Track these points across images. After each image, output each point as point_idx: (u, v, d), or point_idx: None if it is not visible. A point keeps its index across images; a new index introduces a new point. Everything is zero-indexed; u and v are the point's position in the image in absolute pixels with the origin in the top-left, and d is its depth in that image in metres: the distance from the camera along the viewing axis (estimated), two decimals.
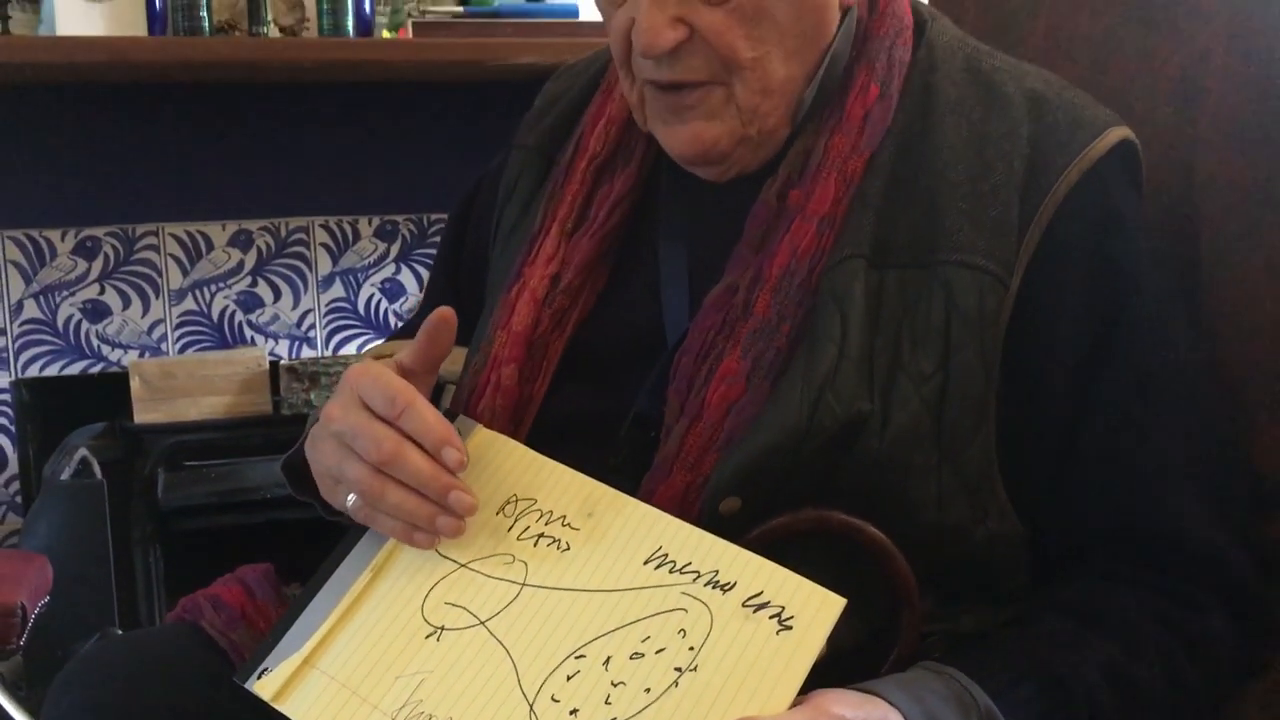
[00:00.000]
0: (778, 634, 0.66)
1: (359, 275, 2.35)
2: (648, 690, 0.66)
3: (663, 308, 0.82)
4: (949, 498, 0.75)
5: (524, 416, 0.82)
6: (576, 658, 0.68)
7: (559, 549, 0.73)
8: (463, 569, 0.74)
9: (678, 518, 0.72)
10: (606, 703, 0.66)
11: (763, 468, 0.73)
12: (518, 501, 0.76)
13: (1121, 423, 0.77)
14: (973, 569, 0.77)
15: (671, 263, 0.83)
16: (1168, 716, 0.74)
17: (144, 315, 2.22)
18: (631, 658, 0.67)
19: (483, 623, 0.72)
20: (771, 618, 0.67)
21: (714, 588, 0.69)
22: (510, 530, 0.75)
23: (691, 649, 0.67)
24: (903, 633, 0.75)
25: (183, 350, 2.24)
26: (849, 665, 0.71)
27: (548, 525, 0.74)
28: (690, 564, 0.70)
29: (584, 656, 0.68)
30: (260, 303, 2.29)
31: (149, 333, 2.23)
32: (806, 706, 0.65)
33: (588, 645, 0.69)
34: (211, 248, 2.25)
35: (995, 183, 0.76)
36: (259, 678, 0.74)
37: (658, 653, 0.67)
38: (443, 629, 0.72)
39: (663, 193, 0.86)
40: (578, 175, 0.87)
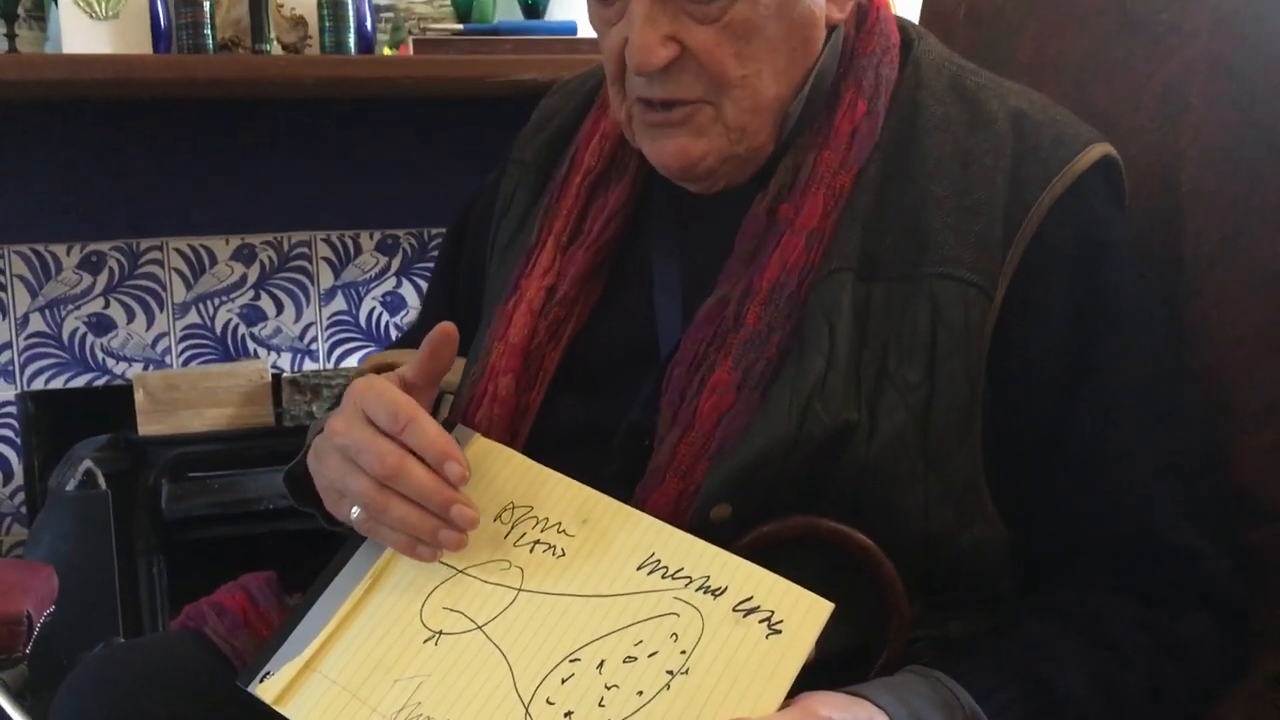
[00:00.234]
0: (767, 638, 0.67)
1: (360, 289, 2.36)
2: (640, 693, 0.67)
3: (656, 319, 0.84)
4: (935, 505, 0.76)
5: (520, 426, 0.83)
6: (571, 661, 0.70)
7: (555, 555, 0.74)
8: (460, 575, 0.75)
9: (670, 525, 0.74)
10: (600, 705, 0.67)
11: (752, 476, 0.74)
12: (515, 509, 0.77)
13: (1103, 432, 0.78)
14: (960, 575, 0.79)
15: (664, 275, 0.85)
16: (1150, 719, 0.75)
17: (148, 328, 2.24)
18: (625, 661, 0.69)
19: (480, 627, 0.73)
20: (761, 622, 0.68)
21: (705, 593, 0.70)
22: (507, 537, 0.76)
23: (683, 652, 0.68)
24: (890, 637, 0.76)
25: (186, 363, 2.25)
26: (838, 669, 0.72)
27: (544, 532, 0.76)
28: (682, 570, 0.71)
29: (578, 660, 0.70)
30: (263, 316, 2.31)
31: (153, 346, 2.24)
32: (795, 708, 0.66)
33: (582, 649, 0.70)
34: (215, 262, 2.27)
35: (980, 198, 0.78)
36: (261, 681, 0.75)
37: (650, 656, 0.68)
38: (441, 633, 0.74)
39: (656, 206, 0.88)
40: (573, 190, 0.88)
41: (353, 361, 2.36)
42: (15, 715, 1.46)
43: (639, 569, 0.72)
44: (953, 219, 0.78)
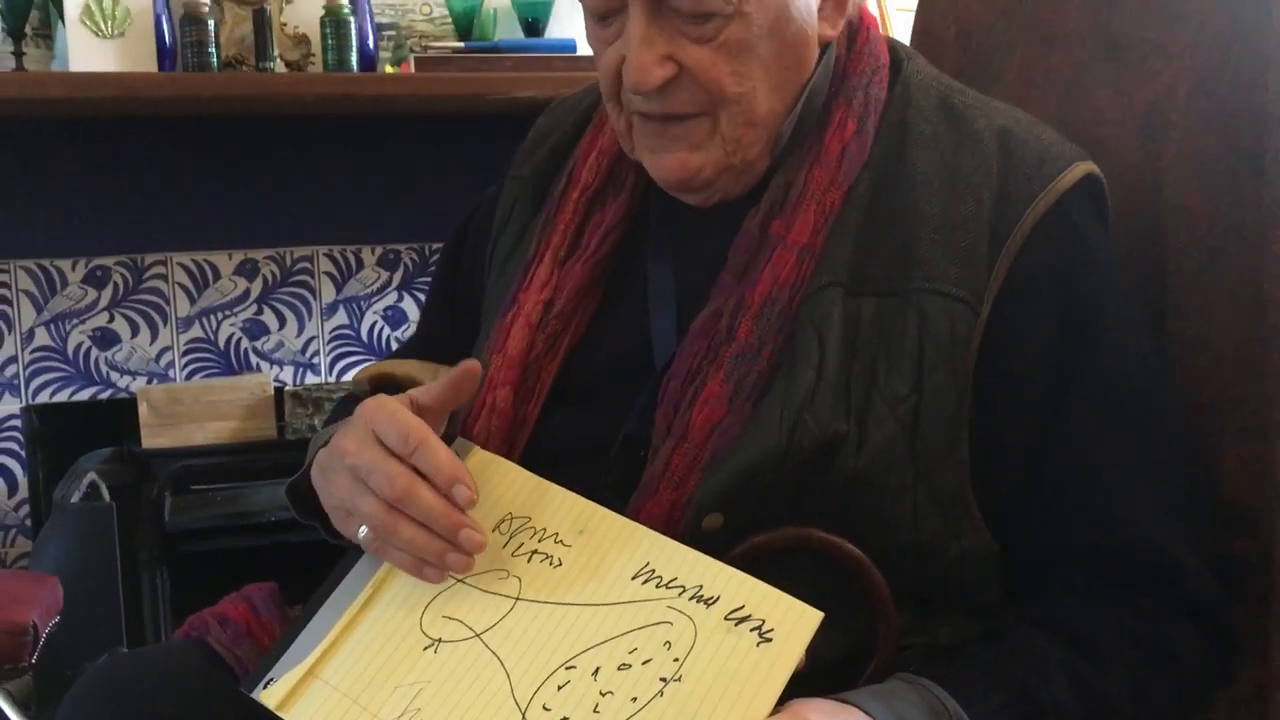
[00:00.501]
0: (758, 646, 0.69)
1: (362, 303, 2.38)
2: (634, 699, 0.69)
3: (651, 333, 0.85)
4: (924, 515, 0.77)
5: (518, 437, 0.85)
6: (567, 668, 0.71)
7: (552, 565, 0.76)
8: (460, 584, 0.77)
9: (664, 535, 0.75)
10: (595, 711, 0.69)
11: (743, 486, 0.76)
12: (513, 519, 0.78)
13: (1087, 444, 0.79)
14: (948, 584, 0.80)
15: (659, 289, 0.86)
16: None
17: (152, 342, 2.25)
18: (619, 668, 0.70)
19: (478, 635, 0.74)
20: (752, 630, 0.69)
21: (698, 602, 0.71)
22: (505, 547, 0.77)
23: (676, 660, 0.69)
24: (879, 645, 0.77)
25: (190, 376, 2.26)
26: (829, 676, 0.73)
27: (541, 542, 0.77)
28: (676, 579, 0.73)
29: (574, 667, 0.71)
30: (265, 330, 2.32)
31: (157, 360, 2.26)
32: (785, 714, 0.67)
33: (578, 656, 0.71)
34: (218, 276, 2.28)
35: (966, 215, 0.80)
36: (264, 687, 0.77)
37: (644, 663, 0.70)
38: (440, 641, 0.75)
39: (651, 222, 0.89)
40: (570, 205, 0.90)
41: (354, 375, 2.37)
42: None
43: (634, 579, 0.73)
44: (940, 235, 0.79)
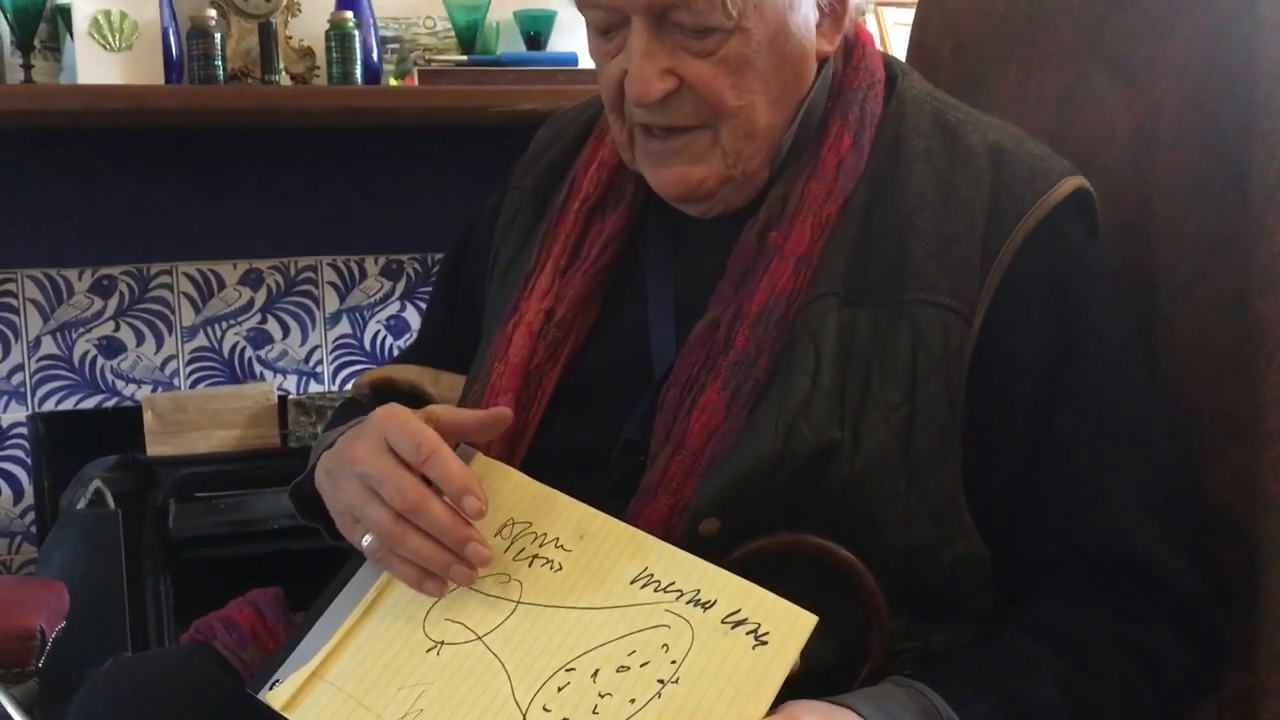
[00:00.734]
0: (754, 649, 0.70)
1: (365, 313, 2.39)
2: (633, 701, 0.70)
3: (650, 341, 0.86)
4: (916, 521, 0.79)
5: (519, 444, 0.86)
6: (567, 670, 0.72)
7: (552, 569, 0.77)
8: (462, 587, 0.78)
9: (662, 539, 0.76)
10: (594, 712, 0.70)
11: (740, 492, 0.77)
12: (514, 525, 0.79)
13: (1078, 452, 0.81)
14: (941, 589, 0.81)
15: (659, 298, 0.88)
16: None
17: (157, 351, 2.26)
18: (618, 670, 0.71)
19: (480, 638, 0.75)
20: (748, 634, 0.71)
21: (695, 606, 0.73)
22: (507, 551, 0.78)
23: (674, 662, 0.71)
24: (873, 649, 0.79)
25: (194, 385, 2.28)
26: (823, 680, 0.74)
27: (542, 547, 0.78)
28: (674, 583, 0.74)
29: (574, 669, 0.72)
30: (269, 339, 2.34)
31: (162, 368, 2.27)
32: (780, 716, 0.69)
33: (578, 659, 0.72)
34: (223, 286, 2.30)
35: (959, 227, 0.81)
36: (270, 689, 0.78)
37: (642, 666, 0.71)
38: (443, 643, 0.76)
39: (651, 232, 0.90)
40: (571, 215, 0.91)
41: None
42: None
43: (633, 583, 0.75)
44: (933, 247, 0.81)
